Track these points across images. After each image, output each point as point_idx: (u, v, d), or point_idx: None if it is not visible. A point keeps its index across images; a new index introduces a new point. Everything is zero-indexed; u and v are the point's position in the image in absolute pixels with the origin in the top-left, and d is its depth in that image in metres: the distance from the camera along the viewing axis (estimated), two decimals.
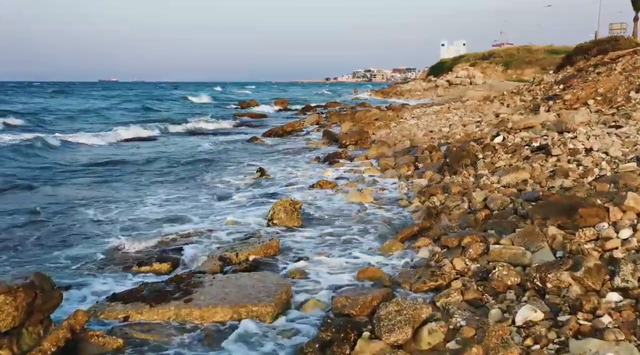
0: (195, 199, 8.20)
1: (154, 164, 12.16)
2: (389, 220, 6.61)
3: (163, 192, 8.76)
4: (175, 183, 9.72)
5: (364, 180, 9.01)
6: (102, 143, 16.37)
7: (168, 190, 9.01)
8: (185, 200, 8.11)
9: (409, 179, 9.11)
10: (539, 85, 17.49)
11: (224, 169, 11.19)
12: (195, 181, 9.84)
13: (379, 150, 12.31)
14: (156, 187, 9.28)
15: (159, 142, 17.04)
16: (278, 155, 13.22)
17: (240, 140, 16.87)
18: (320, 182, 8.52)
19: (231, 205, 7.59)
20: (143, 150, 14.97)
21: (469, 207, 6.90)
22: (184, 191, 8.87)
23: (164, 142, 17.24)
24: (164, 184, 9.66)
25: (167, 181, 9.90)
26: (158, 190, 8.96)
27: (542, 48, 52.61)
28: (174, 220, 6.79)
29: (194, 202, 7.93)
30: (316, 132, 19.02)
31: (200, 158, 13.00)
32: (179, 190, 8.97)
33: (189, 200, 8.11)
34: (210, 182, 9.58)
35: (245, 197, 8.12)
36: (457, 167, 9.01)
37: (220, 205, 7.60)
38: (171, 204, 7.86)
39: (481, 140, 10.57)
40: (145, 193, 8.74)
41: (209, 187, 9.13)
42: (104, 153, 14.20)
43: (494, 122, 14.23)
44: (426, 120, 18.06)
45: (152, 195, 8.48)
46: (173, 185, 9.46)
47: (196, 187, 9.20)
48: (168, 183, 9.74)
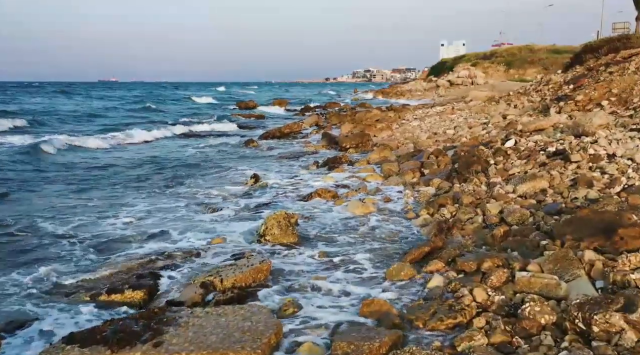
0: (178, 210, 7.45)
1: (138, 170, 11.36)
2: (395, 236, 5.91)
3: (142, 203, 7.99)
4: (157, 192, 8.89)
5: (366, 188, 8.32)
6: (92, 146, 15.63)
7: (148, 200, 8.22)
8: (166, 212, 7.36)
9: (415, 186, 8.42)
10: (547, 85, 16.80)
11: (214, 176, 10.47)
12: (179, 189, 9.05)
13: (381, 154, 11.61)
14: (135, 196, 8.51)
15: (150, 145, 16.30)
16: (274, 159, 12.51)
17: (236, 143, 16.17)
18: (319, 191, 7.83)
19: (219, 219, 6.87)
20: (131, 154, 14.24)
21: (484, 220, 6.21)
22: (166, 201, 8.10)
23: (155, 145, 16.51)
24: (144, 192, 8.85)
25: (148, 189, 9.07)
26: (136, 200, 8.19)
27: (545, 48, 51.89)
28: (152, 237, 6.07)
29: (175, 215, 7.18)
30: (315, 134, 18.33)
31: (189, 163, 12.24)
32: (160, 200, 8.19)
33: (170, 212, 7.37)
34: (196, 191, 8.83)
35: (235, 209, 7.40)
36: (467, 174, 8.32)
37: (206, 219, 6.87)
38: (149, 217, 7.08)
39: (491, 145, 9.87)
40: (122, 203, 7.97)
41: (195, 197, 8.37)
42: (90, 157, 13.48)
43: (502, 124, 13.55)
44: (429, 122, 17.36)
45: (129, 207, 7.70)
46: (154, 195, 8.65)
47: (180, 197, 8.41)
48: (149, 192, 8.91)
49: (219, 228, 6.36)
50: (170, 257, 5.21)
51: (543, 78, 18.06)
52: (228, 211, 7.24)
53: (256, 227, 6.21)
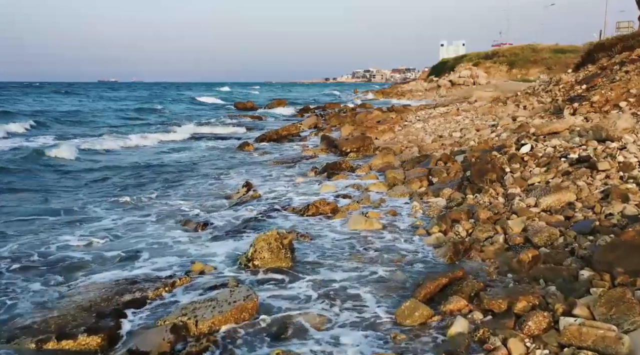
0: (152, 227, 6.55)
1: (114, 177, 10.44)
2: (404, 259, 5.10)
3: (109, 216, 7.10)
4: (130, 203, 7.95)
5: (369, 199, 7.51)
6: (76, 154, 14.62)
7: (117, 213, 7.31)
8: (137, 229, 6.46)
9: (423, 197, 7.60)
10: (557, 85, 15.99)
11: (200, 185, 9.64)
12: (157, 201, 8.15)
13: (384, 159, 10.80)
14: (103, 208, 7.63)
15: (135, 150, 15.35)
16: (269, 165, 11.69)
17: (229, 147, 15.34)
18: (317, 203, 7.01)
19: (200, 238, 6.04)
20: (114, 159, 13.35)
21: (506, 240, 5.40)
22: (139, 215, 7.18)
23: (143, 149, 15.63)
24: (114, 203, 7.93)
25: (119, 200, 8.16)
26: (103, 213, 7.31)
27: (548, 47, 51.03)
28: (117, 262, 5.24)
29: (149, 232, 6.29)
30: (314, 136, 17.52)
31: (173, 169, 11.30)
32: (131, 213, 7.27)
33: (142, 228, 6.47)
34: (177, 203, 7.97)
35: (221, 225, 6.58)
36: (480, 184, 7.51)
37: (185, 238, 6.01)
38: (116, 235, 6.17)
39: (505, 150, 9.06)
40: (85, 217, 7.04)
41: (174, 210, 7.47)
42: (71, 164, 12.56)
43: (512, 126, 12.75)
44: (434, 124, 16.55)
45: (92, 222, 6.77)
46: (125, 207, 7.74)
47: (156, 210, 7.50)
48: (120, 203, 7.98)
49: (199, 250, 5.53)
50: (138, 289, 4.38)
51: (553, 77, 17.26)
52: (212, 228, 6.41)
53: (244, 248, 5.41)
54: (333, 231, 6.09)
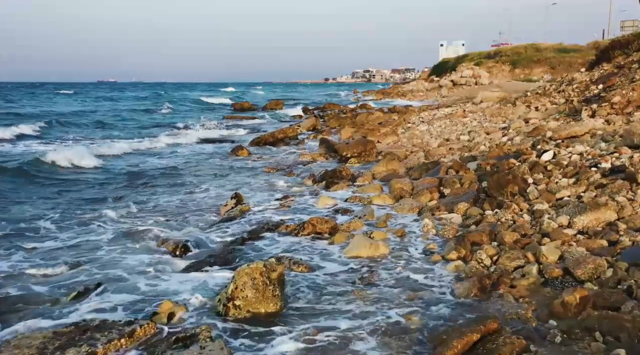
0: (114, 250, 5.52)
1: (81, 184, 9.52)
2: (418, 297, 4.17)
3: (62, 234, 6.12)
4: (91, 218, 6.90)
5: (373, 214, 6.58)
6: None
7: (72, 230, 6.32)
8: (93, 250, 5.45)
9: (435, 212, 6.67)
10: (570, 85, 15.07)
11: (183, 196, 8.70)
12: (132, 216, 7.14)
13: (389, 166, 9.87)
14: (55, 222, 6.62)
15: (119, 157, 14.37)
16: (263, 172, 10.75)
17: (221, 151, 14.39)
18: (314, 221, 6.07)
19: (177, 264, 5.11)
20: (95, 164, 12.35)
21: (541, 271, 4.48)
22: (99, 233, 6.19)
23: (129, 154, 14.64)
24: (72, 218, 6.89)
25: (84, 214, 7.14)
26: (54, 228, 6.32)
27: (551, 46, 50.02)
28: (64, 301, 4.29)
29: (109, 257, 5.29)
30: (312, 139, 16.58)
31: (154, 178, 10.29)
32: (90, 230, 6.28)
33: (99, 250, 5.46)
34: (151, 220, 7.01)
35: (202, 248, 5.65)
36: (500, 197, 6.59)
37: (157, 266, 5.07)
38: (64, 260, 5.18)
39: (524, 157, 8.13)
40: (30, 236, 6.02)
41: (146, 229, 6.46)
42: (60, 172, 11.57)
43: (525, 129, 11.82)
44: (439, 126, 15.63)
45: (36, 240, 5.77)
46: (86, 221, 6.72)
47: (123, 228, 6.46)
48: (79, 217, 6.93)
49: (172, 282, 4.60)
50: (85, 341, 3.44)
51: (565, 77, 16.35)
52: (191, 252, 5.48)
53: (223, 281, 4.48)
54: (332, 258, 5.16)
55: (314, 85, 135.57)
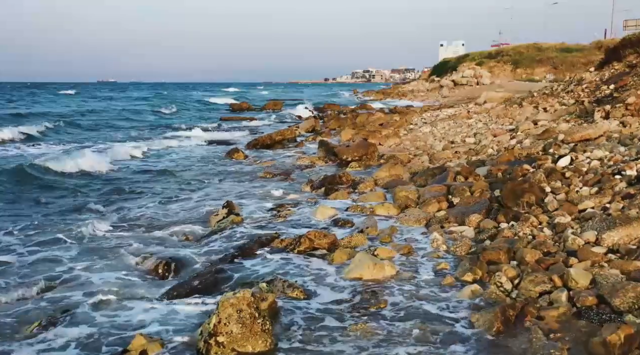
0: (78, 272, 4.89)
1: (58, 191, 8.90)
2: (431, 332, 3.59)
3: (23, 247, 5.54)
4: (56, 232, 6.21)
5: (376, 227, 6.00)
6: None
7: (37, 245, 5.72)
8: (55, 270, 4.82)
9: (444, 225, 6.09)
10: (579, 85, 14.49)
11: (174, 203, 8.11)
12: (104, 231, 6.42)
13: (392, 171, 9.29)
14: (14, 236, 6.03)
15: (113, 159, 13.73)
16: (259, 177, 10.15)
17: (216, 154, 13.80)
18: (311, 235, 5.49)
19: (154, 289, 4.52)
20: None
21: (571, 299, 3.90)
22: (62, 249, 5.55)
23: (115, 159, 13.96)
24: (35, 232, 6.27)
25: (55, 224, 6.51)
26: (16, 243, 5.73)
27: (553, 46, 49.41)
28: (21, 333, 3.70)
29: (68, 278, 4.69)
30: (311, 141, 16.00)
31: (143, 183, 9.68)
32: (52, 248, 5.62)
33: (62, 273, 4.81)
34: (140, 230, 6.48)
35: (187, 268, 5.07)
36: (515, 208, 6.01)
37: (132, 289, 4.47)
38: (18, 280, 4.61)
39: (538, 162, 7.55)
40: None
41: (132, 241, 5.96)
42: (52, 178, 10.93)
43: (534, 131, 11.25)
44: (443, 127, 15.05)
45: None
46: (50, 237, 6.06)
47: (95, 243, 5.85)
48: (39, 230, 6.31)
49: (144, 313, 4.00)
50: None
51: (574, 76, 15.78)
52: (174, 272, 4.89)
53: (207, 310, 3.90)
54: (331, 280, 4.57)
55: (315, 85, 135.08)
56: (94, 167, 11.37)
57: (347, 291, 4.30)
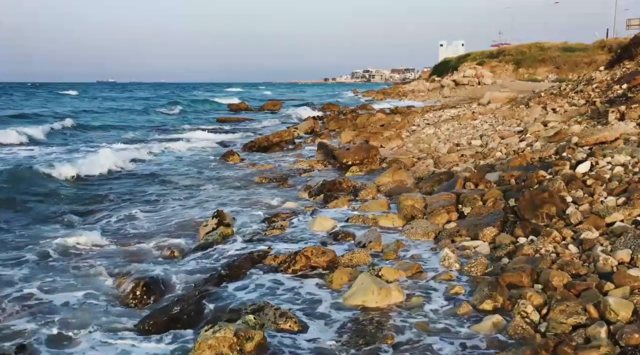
0: (40, 295, 4.32)
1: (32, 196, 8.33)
2: None
3: None
4: (22, 246, 5.65)
5: (380, 241, 5.42)
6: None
7: None
8: (5, 288, 4.30)
9: (455, 239, 5.51)
10: (589, 84, 13.90)
11: (161, 210, 7.54)
12: (81, 244, 5.83)
13: (395, 176, 8.71)
14: None
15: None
16: (254, 183, 9.56)
17: (210, 157, 13.20)
18: (308, 252, 4.91)
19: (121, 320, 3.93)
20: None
21: (612, 335, 3.32)
22: (23, 267, 4.99)
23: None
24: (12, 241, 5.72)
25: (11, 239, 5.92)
26: None
27: (556, 45, 48.82)
28: None
29: (31, 303, 4.14)
30: (310, 143, 15.41)
31: (128, 188, 9.13)
32: (6, 263, 5.07)
33: (25, 297, 4.28)
34: (121, 243, 5.91)
35: (164, 293, 4.49)
36: (534, 220, 5.43)
37: (93, 330, 3.83)
38: None
39: (555, 168, 6.96)
40: None
41: (110, 256, 5.38)
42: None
43: (545, 133, 10.66)
44: (447, 129, 14.46)
45: None
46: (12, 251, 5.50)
47: (70, 258, 5.32)
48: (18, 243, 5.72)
49: (116, 348, 3.42)
50: None
51: (583, 76, 15.20)
52: (149, 301, 4.31)
53: (184, 349, 3.32)
54: (330, 307, 3.99)
55: (315, 85, 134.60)
56: (87, 171, 10.71)
57: (347, 321, 3.71)
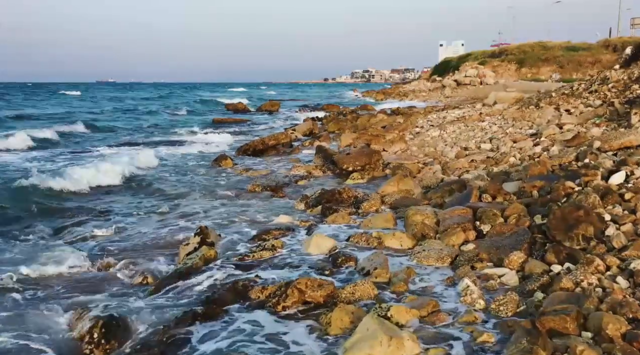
0: None
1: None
2: None
3: None
4: None
5: (387, 267, 4.59)
6: None
7: None
8: None
9: (476, 265, 4.68)
10: (605, 84, 13.10)
11: (140, 225, 6.73)
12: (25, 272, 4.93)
13: (400, 185, 7.90)
14: None
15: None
16: (245, 192, 8.74)
17: (201, 161, 12.37)
18: (301, 284, 4.08)
19: None
20: None
21: None
22: None
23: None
24: None
25: None
26: None
27: (559, 45, 47.97)
28: None
29: None
30: (308, 146, 14.58)
31: (93, 204, 8.04)
32: None
33: None
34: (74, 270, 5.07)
35: (127, 337, 3.67)
36: (568, 242, 4.61)
37: None
38: None
39: (585, 179, 6.13)
40: None
41: (45, 291, 4.52)
42: None
43: (561, 137, 9.86)
44: (453, 131, 13.65)
45: None
46: None
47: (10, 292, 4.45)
48: None
49: None
50: None
51: (597, 75, 14.40)
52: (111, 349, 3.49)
53: None
54: None
55: (315, 85, 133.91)
56: (73, 186, 9.70)
57: None
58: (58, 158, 13.14)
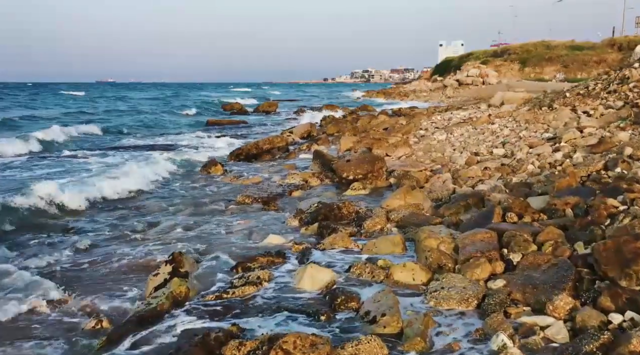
0: None
1: None
2: None
3: None
4: None
5: (398, 315, 3.65)
6: None
7: None
8: None
9: (510, 312, 3.73)
10: (624, 83, 12.17)
11: (110, 247, 5.78)
12: None
13: (408, 198, 6.96)
14: None
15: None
16: (233, 204, 7.79)
17: (188, 168, 11.39)
18: (288, 344, 3.14)
19: None
20: None
21: None
22: None
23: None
24: None
25: None
26: None
27: (563, 44, 47.05)
28: None
29: None
30: (306, 150, 13.63)
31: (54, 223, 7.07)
32: None
33: None
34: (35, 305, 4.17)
35: None
36: (624, 282, 3.67)
37: None
38: None
39: (630, 195, 5.18)
40: None
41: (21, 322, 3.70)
42: None
43: (584, 142, 8.92)
44: (461, 134, 12.72)
45: None
46: None
47: None
48: None
49: None
50: None
51: (617, 73, 13.46)
52: None
53: None
54: None
55: (315, 85, 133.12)
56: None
57: None
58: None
